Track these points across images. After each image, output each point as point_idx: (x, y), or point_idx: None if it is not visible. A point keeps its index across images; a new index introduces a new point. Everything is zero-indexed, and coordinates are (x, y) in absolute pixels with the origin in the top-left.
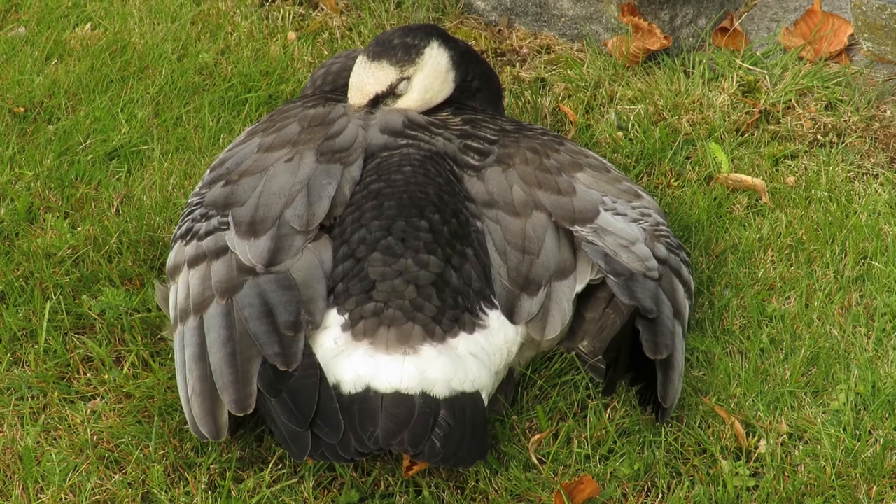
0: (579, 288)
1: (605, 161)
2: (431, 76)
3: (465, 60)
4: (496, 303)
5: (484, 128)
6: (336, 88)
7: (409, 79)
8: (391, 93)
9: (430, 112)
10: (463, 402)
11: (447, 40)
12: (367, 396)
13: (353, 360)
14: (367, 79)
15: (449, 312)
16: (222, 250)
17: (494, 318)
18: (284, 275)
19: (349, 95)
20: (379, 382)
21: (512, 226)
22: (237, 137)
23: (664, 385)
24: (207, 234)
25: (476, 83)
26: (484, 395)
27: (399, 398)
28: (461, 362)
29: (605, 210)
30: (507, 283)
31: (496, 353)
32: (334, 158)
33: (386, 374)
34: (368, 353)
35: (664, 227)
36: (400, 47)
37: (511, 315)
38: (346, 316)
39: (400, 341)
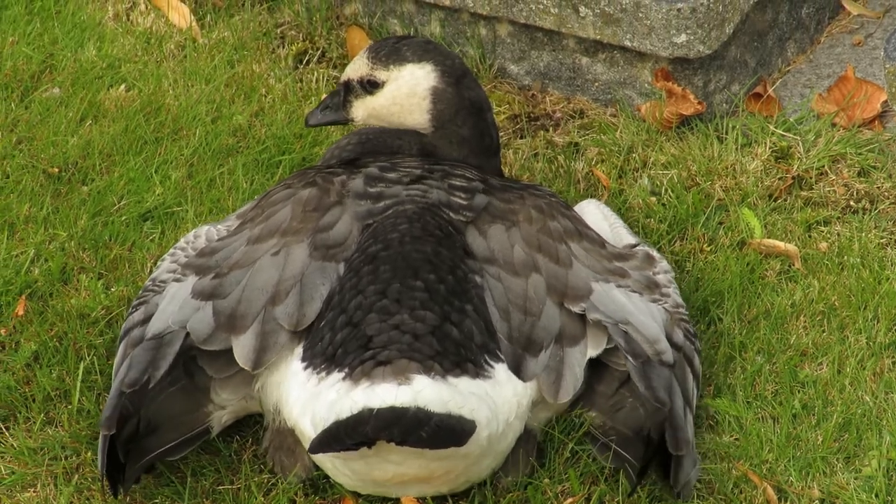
0: (592, 353)
1: (603, 237)
2: (403, 93)
3: (462, 105)
4: (502, 357)
5: (462, 169)
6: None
7: (380, 83)
8: (363, 86)
9: (389, 157)
10: (458, 422)
11: (451, 75)
12: (362, 413)
13: (353, 395)
14: (352, 63)
15: (451, 356)
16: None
17: (501, 370)
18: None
19: None
20: (373, 402)
21: (513, 285)
22: (227, 219)
23: (676, 474)
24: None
25: (465, 131)
26: (484, 433)
27: (392, 409)
28: (459, 393)
29: (602, 289)
30: (509, 342)
31: (504, 403)
32: (328, 255)
33: (381, 394)
34: (367, 386)
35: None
36: (388, 49)
37: (518, 372)
38: (346, 370)
39: (396, 374)
